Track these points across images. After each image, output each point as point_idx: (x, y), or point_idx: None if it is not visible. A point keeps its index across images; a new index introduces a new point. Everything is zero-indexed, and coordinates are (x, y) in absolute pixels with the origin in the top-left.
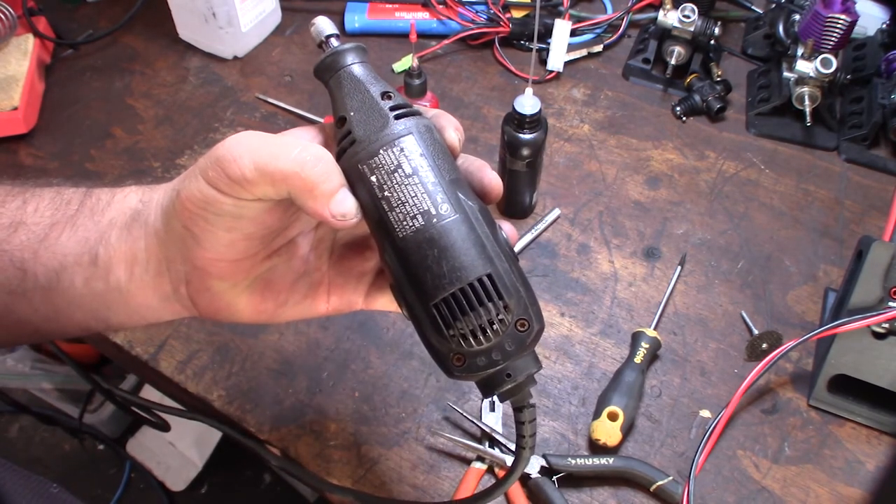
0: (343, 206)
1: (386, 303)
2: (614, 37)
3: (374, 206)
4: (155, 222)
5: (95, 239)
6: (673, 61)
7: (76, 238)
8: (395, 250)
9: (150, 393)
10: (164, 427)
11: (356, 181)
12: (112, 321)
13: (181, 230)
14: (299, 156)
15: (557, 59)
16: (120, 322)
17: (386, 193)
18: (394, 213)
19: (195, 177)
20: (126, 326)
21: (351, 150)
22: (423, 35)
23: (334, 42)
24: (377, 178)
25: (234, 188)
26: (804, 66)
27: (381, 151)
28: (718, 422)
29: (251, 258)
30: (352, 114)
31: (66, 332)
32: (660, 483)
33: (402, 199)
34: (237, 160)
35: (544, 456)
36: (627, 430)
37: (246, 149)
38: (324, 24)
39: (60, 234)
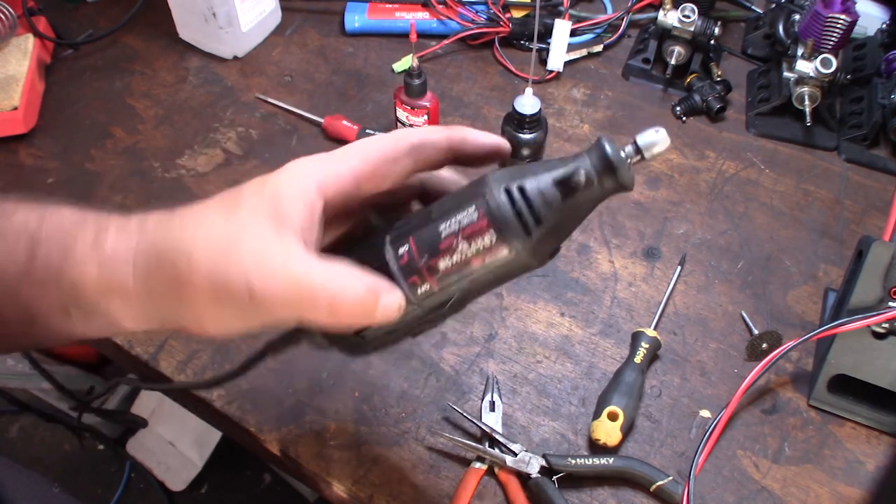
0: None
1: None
2: (614, 37)
3: None
4: (125, 282)
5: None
6: (673, 61)
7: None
8: None
9: (149, 393)
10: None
11: None
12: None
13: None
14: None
15: (557, 59)
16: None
17: None
18: None
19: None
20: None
21: None
22: (423, 35)
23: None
24: None
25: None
26: (804, 66)
27: None
28: (718, 422)
29: None
30: None
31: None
32: (660, 483)
33: None
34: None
35: (544, 456)
36: (627, 430)
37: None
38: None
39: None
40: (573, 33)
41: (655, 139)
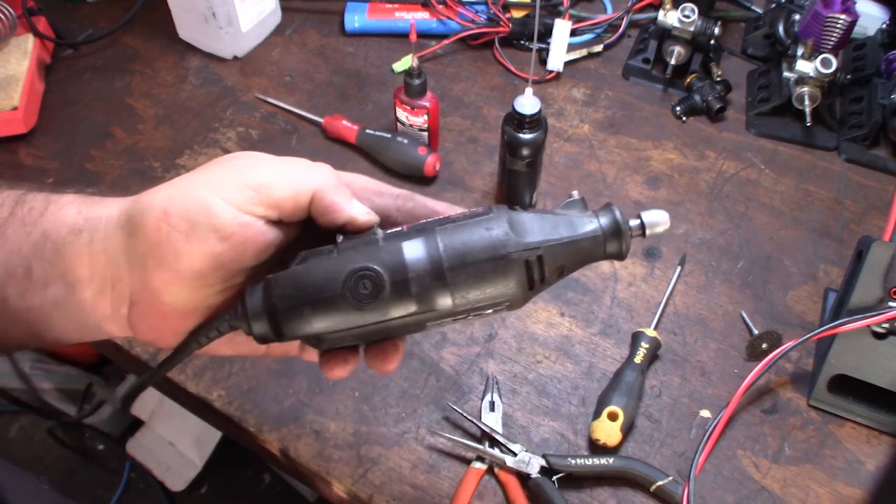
0: (360, 208)
1: (312, 355)
2: (614, 37)
3: None
4: (106, 239)
5: (28, 252)
6: (673, 61)
7: (6, 249)
8: None
9: (149, 393)
10: None
11: None
12: (47, 337)
13: (144, 248)
14: (319, 177)
15: (557, 59)
16: (55, 338)
17: None
18: None
19: (196, 190)
20: (62, 343)
21: None
22: (422, 35)
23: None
24: None
25: (267, 209)
26: (804, 66)
27: None
28: (718, 422)
29: (208, 287)
30: None
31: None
32: (660, 483)
33: None
34: (275, 184)
35: (544, 456)
36: (627, 430)
37: (277, 174)
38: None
39: None
40: (573, 33)
41: (659, 220)
